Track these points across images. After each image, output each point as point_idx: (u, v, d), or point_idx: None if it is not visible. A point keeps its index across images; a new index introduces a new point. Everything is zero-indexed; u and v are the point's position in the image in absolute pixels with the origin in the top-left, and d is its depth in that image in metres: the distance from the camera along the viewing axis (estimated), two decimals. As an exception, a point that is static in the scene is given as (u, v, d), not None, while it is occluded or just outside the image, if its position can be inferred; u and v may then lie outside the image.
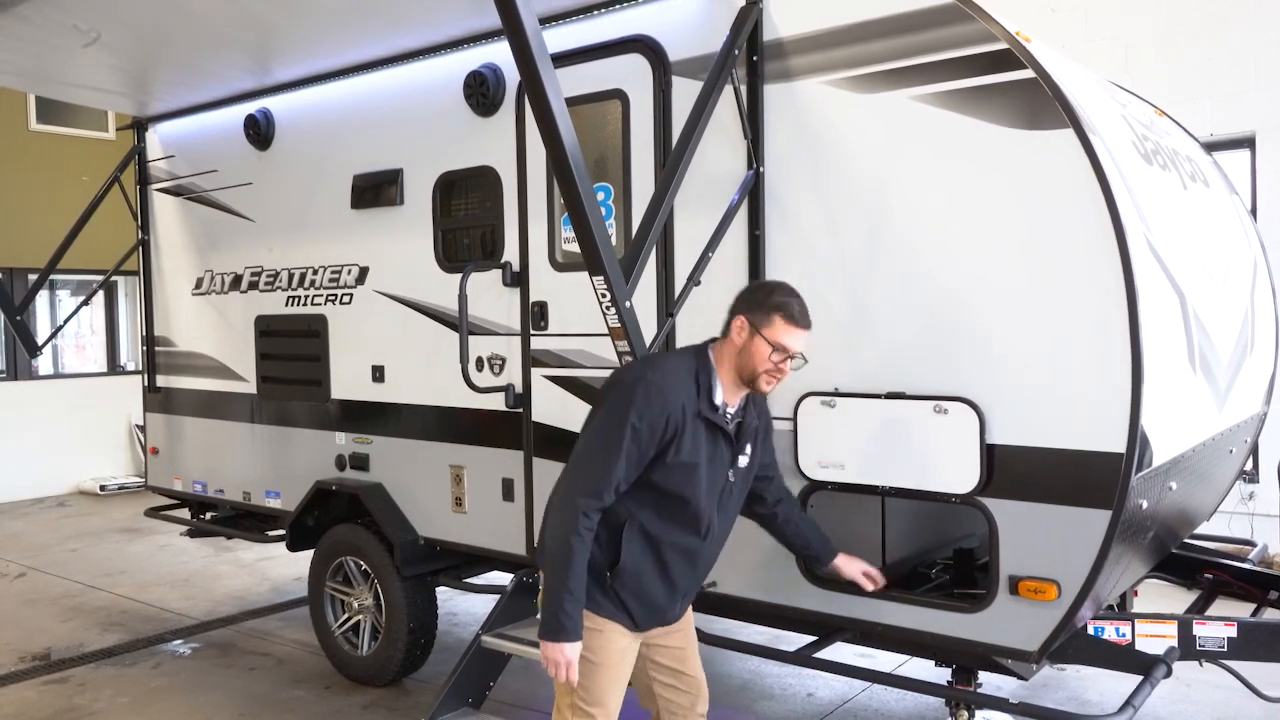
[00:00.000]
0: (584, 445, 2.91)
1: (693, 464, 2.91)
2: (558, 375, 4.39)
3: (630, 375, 2.92)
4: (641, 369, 2.95)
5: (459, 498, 4.82)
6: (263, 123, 5.61)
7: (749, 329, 2.94)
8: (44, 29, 4.81)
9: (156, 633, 6.28)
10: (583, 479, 2.87)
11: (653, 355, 3.09)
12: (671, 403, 2.84)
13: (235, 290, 5.92)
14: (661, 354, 3.04)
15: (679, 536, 3.00)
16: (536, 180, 4.43)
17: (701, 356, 2.98)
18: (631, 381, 2.88)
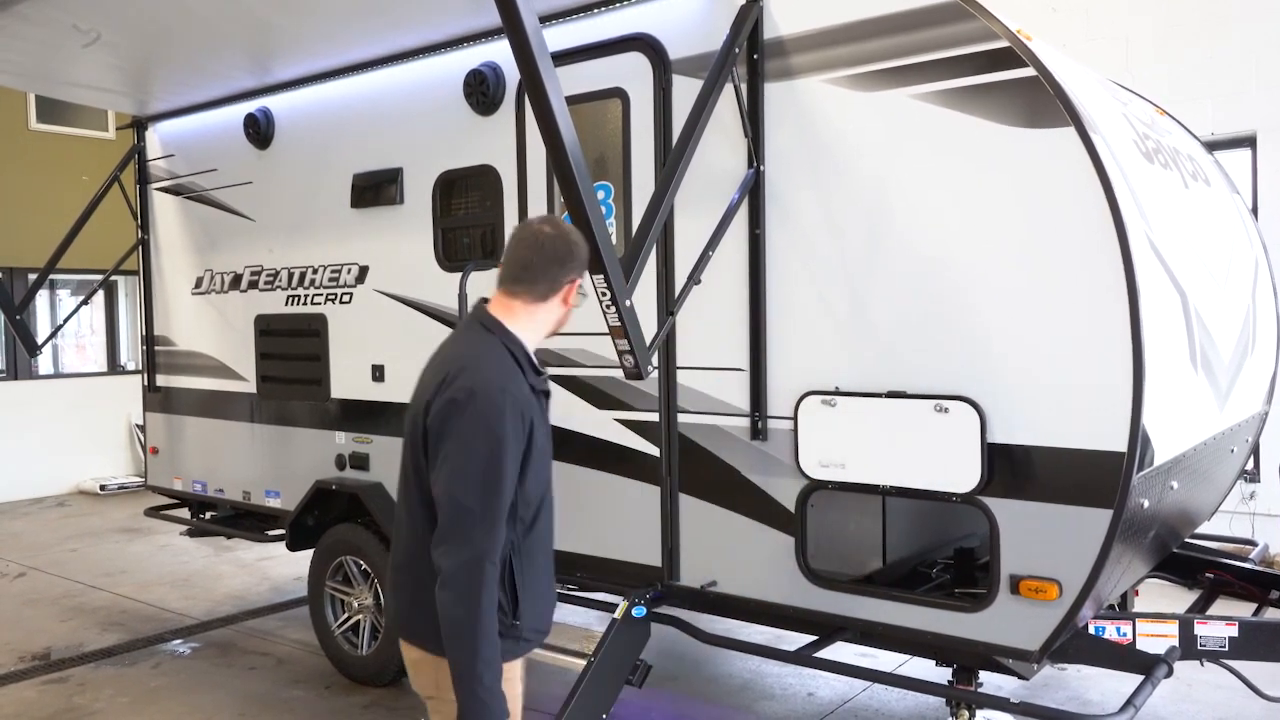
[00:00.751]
0: (461, 491, 2.41)
1: (546, 448, 2.64)
2: (557, 374, 4.38)
3: (470, 392, 2.45)
4: (474, 381, 2.47)
5: (459, 497, 4.81)
6: (262, 122, 5.60)
7: (578, 286, 2.71)
8: (44, 28, 4.81)
9: (156, 632, 6.28)
10: (479, 531, 2.40)
11: (468, 363, 2.52)
12: (519, 394, 2.50)
13: (235, 289, 5.92)
14: (470, 356, 2.55)
15: (549, 532, 2.72)
16: (536, 179, 4.42)
17: (499, 332, 2.60)
18: (481, 396, 2.44)
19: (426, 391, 2.56)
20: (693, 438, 3.99)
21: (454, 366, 2.53)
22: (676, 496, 4.05)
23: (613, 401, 4.21)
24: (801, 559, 3.71)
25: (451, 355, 2.62)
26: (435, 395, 2.51)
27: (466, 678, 2.38)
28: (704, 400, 3.95)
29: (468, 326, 2.70)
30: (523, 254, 2.65)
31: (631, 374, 3.31)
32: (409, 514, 2.61)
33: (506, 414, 2.44)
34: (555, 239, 2.66)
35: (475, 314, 2.69)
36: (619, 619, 3.93)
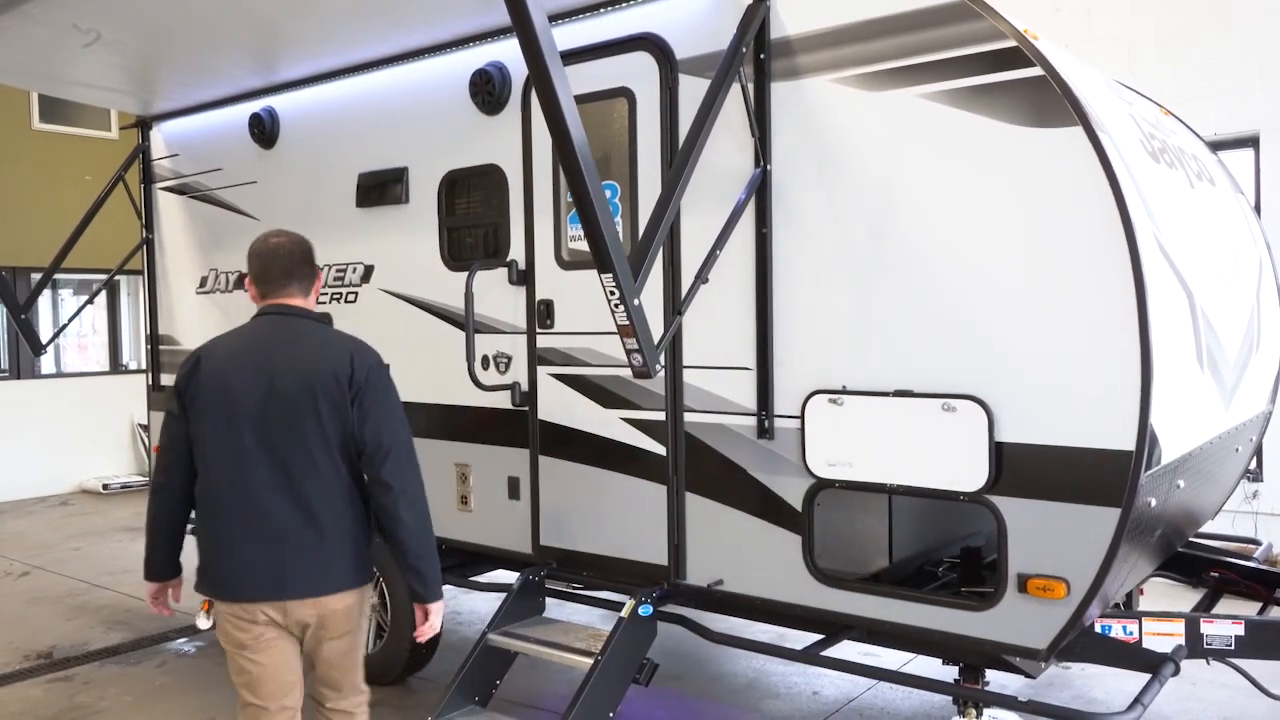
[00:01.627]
0: (403, 430, 3.12)
1: None
2: (564, 373, 4.39)
3: (378, 363, 3.19)
4: (372, 356, 3.19)
5: (464, 496, 4.82)
6: (267, 121, 5.61)
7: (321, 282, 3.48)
8: (49, 28, 4.81)
9: (160, 631, 6.28)
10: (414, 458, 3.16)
11: (354, 346, 3.19)
12: None
13: (240, 289, 5.92)
14: (348, 340, 3.24)
15: None
16: (542, 178, 4.43)
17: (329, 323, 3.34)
18: (382, 365, 3.20)
19: (321, 375, 3.02)
20: (699, 437, 4.00)
21: (344, 350, 3.12)
22: (683, 495, 4.05)
23: (619, 400, 4.22)
24: (808, 558, 3.71)
25: (327, 343, 3.17)
26: (347, 373, 3.04)
27: (435, 559, 3.15)
28: (710, 399, 3.95)
29: (308, 325, 3.21)
30: (282, 264, 3.17)
31: (640, 373, 3.32)
32: (319, 469, 2.98)
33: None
34: (298, 243, 3.23)
35: (298, 315, 3.19)
36: (626, 618, 3.94)
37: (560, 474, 4.43)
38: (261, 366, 3.03)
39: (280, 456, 2.97)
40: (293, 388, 2.99)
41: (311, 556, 2.98)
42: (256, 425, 2.98)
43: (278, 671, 3.05)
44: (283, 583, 2.96)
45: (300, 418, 2.98)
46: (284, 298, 3.18)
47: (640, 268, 3.23)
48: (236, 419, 2.98)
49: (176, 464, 3.11)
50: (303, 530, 2.96)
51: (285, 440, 2.97)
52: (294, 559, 2.96)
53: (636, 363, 3.27)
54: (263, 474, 2.97)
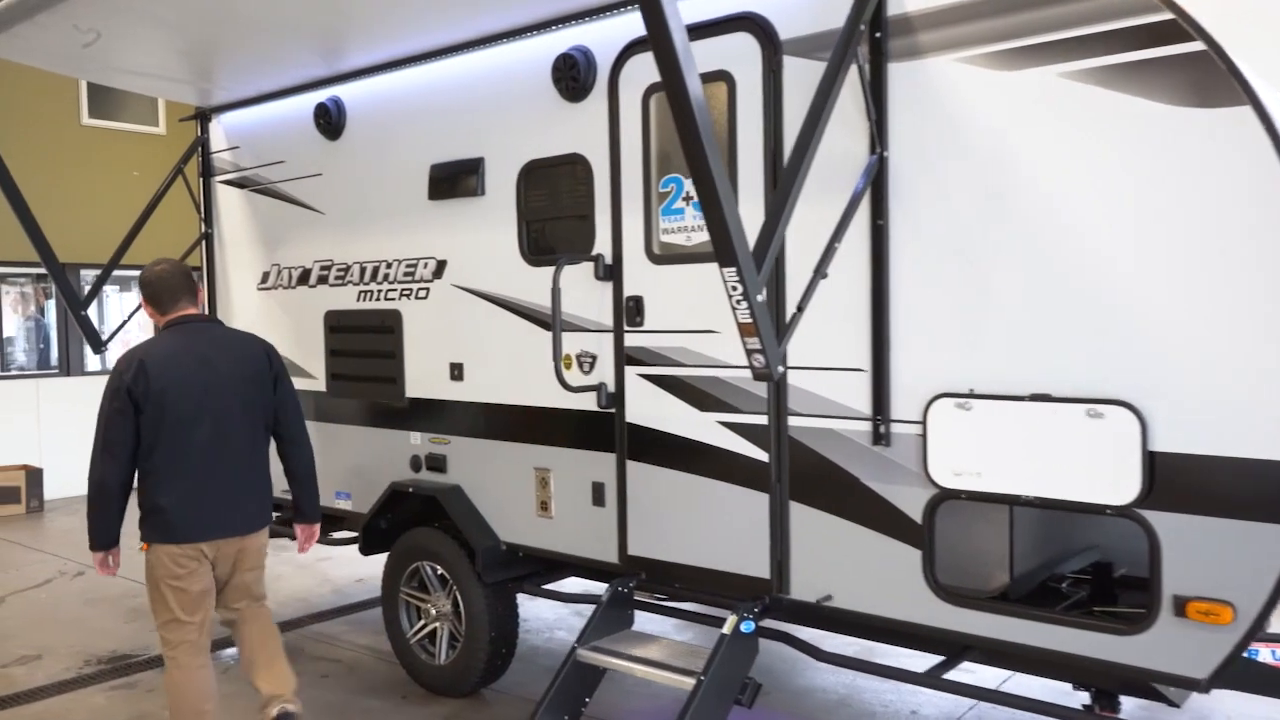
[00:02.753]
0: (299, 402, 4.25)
1: None
2: (654, 374, 4.16)
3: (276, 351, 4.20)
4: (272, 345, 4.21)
5: (544, 502, 4.61)
6: (334, 111, 5.41)
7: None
8: (103, 14, 4.64)
9: (221, 635, 6.10)
10: None
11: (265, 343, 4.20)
12: None
13: (304, 285, 5.74)
14: (256, 337, 4.22)
15: None
16: (631, 168, 4.19)
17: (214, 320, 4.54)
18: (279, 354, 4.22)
19: (250, 363, 4.03)
20: (805, 442, 3.75)
21: (260, 345, 4.16)
22: (786, 505, 3.81)
23: (715, 403, 3.98)
24: (929, 574, 3.46)
25: (246, 340, 4.17)
26: (267, 362, 4.08)
27: (317, 489, 4.33)
28: (818, 402, 3.70)
29: (218, 328, 4.18)
30: (172, 285, 4.04)
31: (761, 375, 3.08)
32: (249, 438, 3.99)
33: None
34: (179, 266, 4.16)
35: (204, 321, 4.12)
36: (728, 634, 3.71)
37: (650, 480, 4.20)
38: (199, 362, 3.90)
39: (223, 430, 3.90)
40: (229, 376, 3.94)
41: (245, 505, 4.00)
42: (204, 407, 3.85)
43: (204, 594, 4.00)
44: (227, 525, 3.94)
45: (236, 399, 3.94)
46: (181, 310, 4.04)
47: (763, 261, 2.98)
48: (188, 404, 3.83)
49: (123, 446, 3.83)
50: (240, 485, 3.96)
51: (226, 417, 3.91)
52: (233, 508, 3.95)
53: (758, 363, 3.03)
54: (211, 444, 3.87)
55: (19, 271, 11.36)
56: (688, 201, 4.02)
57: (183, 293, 4.03)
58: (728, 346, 3.93)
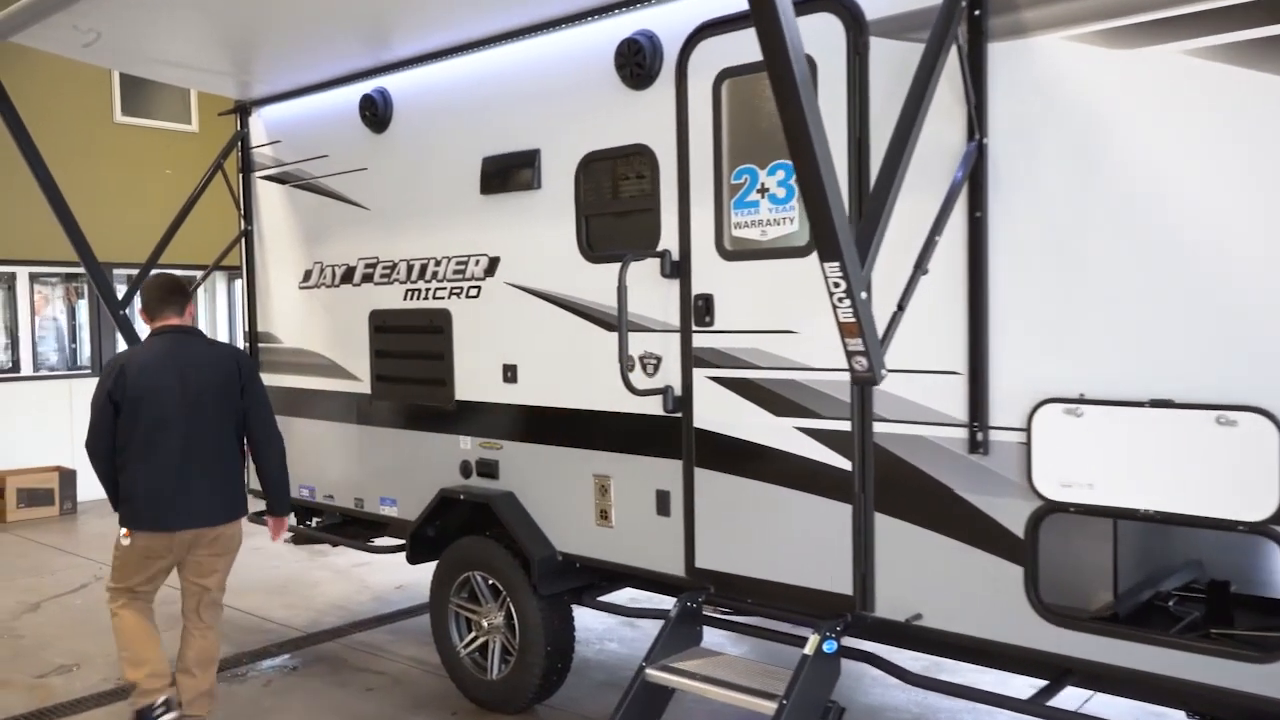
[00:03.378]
0: (269, 402, 4.62)
1: None
2: (725, 376, 3.93)
3: (248, 357, 5.09)
4: (244, 352, 5.06)
5: (604, 510, 4.39)
6: (380, 103, 5.22)
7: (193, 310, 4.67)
8: (141, 3, 4.48)
9: (261, 645, 5.95)
10: None
11: (222, 343, 4.96)
12: None
13: (347, 283, 5.55)
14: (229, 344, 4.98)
15: None
16: (700, 159, 3.97)
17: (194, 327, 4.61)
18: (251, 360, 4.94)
19: (220, 370, 4.42)
20: (893, 450, 3.51)
21: (230, 352, 4.60)
22: (871, 516, 3.58)
23: (793, 407, 3.75)
24: (1032, 592, 3.22)
25: (218, 349, 4.58)
26: (236, 368, 4.47)
27: (287, 484, 4.70)
28: (907, 408, 3.46)
29: (194, 337, 4.53)
30: (158, 295, 4.48)
31: (863, 378, 2.84)
32: (217, 438, 4.38)
33: None
34: (170, 279, 4.60)
35: (183, 331, 4.48)
36: (810, 655, 3.47)
37: (719, 488, 3.97)
38: (175, 367, 4.31)
39: (193, 431, 4.29)
40: (199, 382, 4.33)
41: (212, 500, 4.35)
42: (176, 411, 4.26)
43: (161, 572, 4.43)
44: (203, 516, 4.33)
45: (205, 403, 4.33)
46: (166, 319, 4.46)
47: (865, 256, 2.75)
48: (160, 408, 4.25)
49: (104, 444, 4.31)
50: (209, 482, 4.34)
51: (196, 420, 4.30)
52: (200, 502, 4.31)
53: (860, 366, 2.80)
54: (182, 444, 4.27)
55: (50, 271, 11.26)
56: (762, 194, 3.79)
57: (169, 304, 4.47)
58: (806, 347, 3.70)
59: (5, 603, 6.92)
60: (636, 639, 5.85)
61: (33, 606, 6.84)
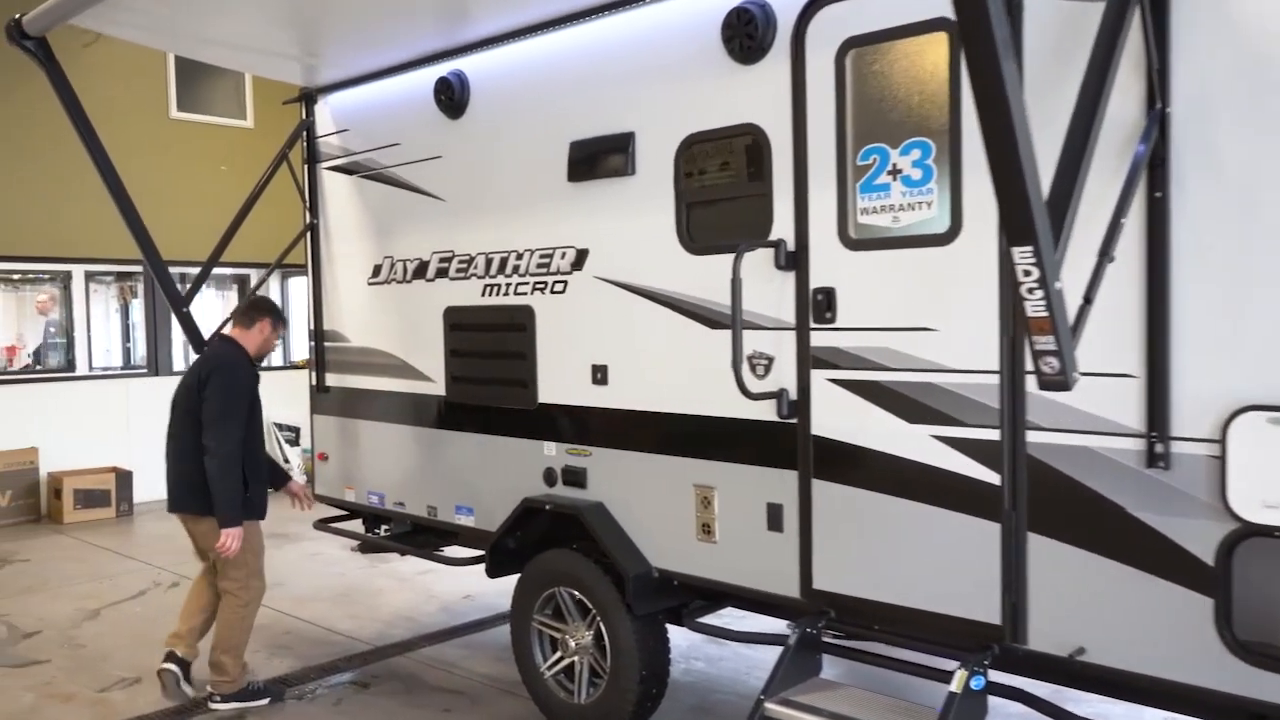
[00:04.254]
0: (222, 412, 4.81)
1: (256, 401, 5.01)
2: (848, 379, 3.55)
3: (218, 365, 4.93)
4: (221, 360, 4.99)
5: (707, 524, 4.03)
6: (456, 87, 4.89)
7: (270, 326, 5.11)
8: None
9: (329, 659, 5.67)
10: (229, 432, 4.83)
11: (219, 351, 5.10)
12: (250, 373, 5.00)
13: (420, 279, 5.24)
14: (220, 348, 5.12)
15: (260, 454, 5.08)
16: (821, 139, 3.59)
17: (232, 343, 5.06)
18: (222, 369, 4.91)
19: (195, 373, 4.98)
20: (1050, 462, 3.11)
21: (211, 357, 5.03)
22: (1023, 536, 3.18)
23: (929, 413, 3.36)
24: (1225, 627, 2.81)
25: (209, 353, 5.12)
26: (203, 374, 4.92)
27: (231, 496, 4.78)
28: (1069, 415, 3.06)
29: (217, 344, 5.16)
30: (237, 309, 5.21)
31: (1053, 382, 2.46)
32: (191, 437, 4.85)
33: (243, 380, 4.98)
34: (251, 299, 5.38)
35: (219, 339, 5.14)
36: (958, 692, 3.09)
37: (841, 502, 3.60)
38: (187, 371, 5.09)
39: (176, 428, 4.96)
40: (184, 384, 4.98)
41: (184, 490, 4.88)
42: (172, 405, 5.02)
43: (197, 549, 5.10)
44: (175, 502, 4.94)
45: (179, 401, 4.97)
46: (227, 329, 5.15)
47: (1056, 241, 2.36)
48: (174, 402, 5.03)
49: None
50: (179, 473, 4.90)
51: (178, 418, 4.96)
52: (177, 490, 4.92)
53: (1050, 368, 2.41)
54: (171, 438, 4.96)
55: (105, 269, 11.14)
56: (894, 176, 3.40)
57: (235, 317, 5.15)
58: (946, 346, 3.32)
59: (65, 610, 6.72)
60: (724, 658, 5.49)
61: (92, 614, 6.63)
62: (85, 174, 6.21)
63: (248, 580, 4.94)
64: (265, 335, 5.07)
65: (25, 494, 9.64)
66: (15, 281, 10.85)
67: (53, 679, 5.43)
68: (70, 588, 7.29)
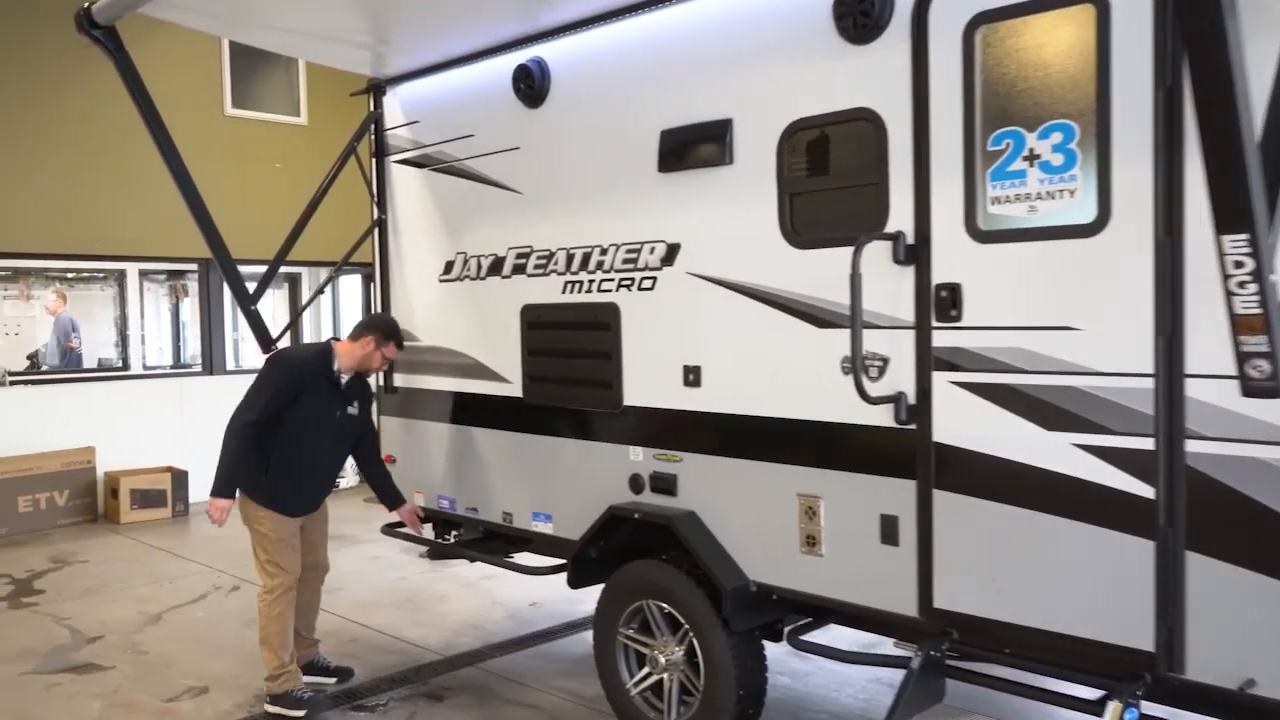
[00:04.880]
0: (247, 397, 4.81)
1: (314, 403, 4.82)
2: (976, 382, 3.29)
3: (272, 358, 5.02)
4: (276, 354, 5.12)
5: (811, 536, 3.78)
6: (537, 74, 4.68)
7: (374, 344, 4.96)
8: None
9: (398, 669, 5.48)
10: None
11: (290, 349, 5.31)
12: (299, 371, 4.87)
13: (495, 275, 5.03)
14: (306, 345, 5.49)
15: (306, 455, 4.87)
16: (946, 123, 3.33)
17: (326, 346, 5.00)
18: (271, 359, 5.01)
19: None
20: (1212, 474, 2.83)
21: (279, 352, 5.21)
22: (1181, 556, 2.91)
23: (1070, 420, 3.09)
24: None
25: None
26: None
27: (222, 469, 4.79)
28: (1235, 422, 2.78)
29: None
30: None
31: (1263, 387, 2.20)
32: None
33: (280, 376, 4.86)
34: (377, 316, 5.46)
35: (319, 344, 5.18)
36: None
37: (966, 514, 3.34)
38: None
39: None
40: None
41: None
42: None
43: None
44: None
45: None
46: (342, 340, 5.07)
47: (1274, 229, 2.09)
48: None
49: None
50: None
51: None
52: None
53: (1259, 372, 2.16)
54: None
55: (158, 268, 11.10)
56: (1031, 162, 3.13)
57: (352, 330, 5.07)
58: (1092, 346, 3.04)
59: (126, 614, 6.60)
60: (810, 673, 5.23)
61: (154, 618, 6.50)
62: (139, 172, 6.07)
63: (264, 566, 4.88)
64: (366, 351, 4.93)
65: (82, 493, 9.59)
66: (70, 280, 10.83)
67: (118, 687, 5.30)
68: (130, 590, 7.19)
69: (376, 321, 5.17)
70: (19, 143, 9.53)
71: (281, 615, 4.84)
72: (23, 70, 9.53)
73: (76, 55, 5.01)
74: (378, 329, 5.01)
